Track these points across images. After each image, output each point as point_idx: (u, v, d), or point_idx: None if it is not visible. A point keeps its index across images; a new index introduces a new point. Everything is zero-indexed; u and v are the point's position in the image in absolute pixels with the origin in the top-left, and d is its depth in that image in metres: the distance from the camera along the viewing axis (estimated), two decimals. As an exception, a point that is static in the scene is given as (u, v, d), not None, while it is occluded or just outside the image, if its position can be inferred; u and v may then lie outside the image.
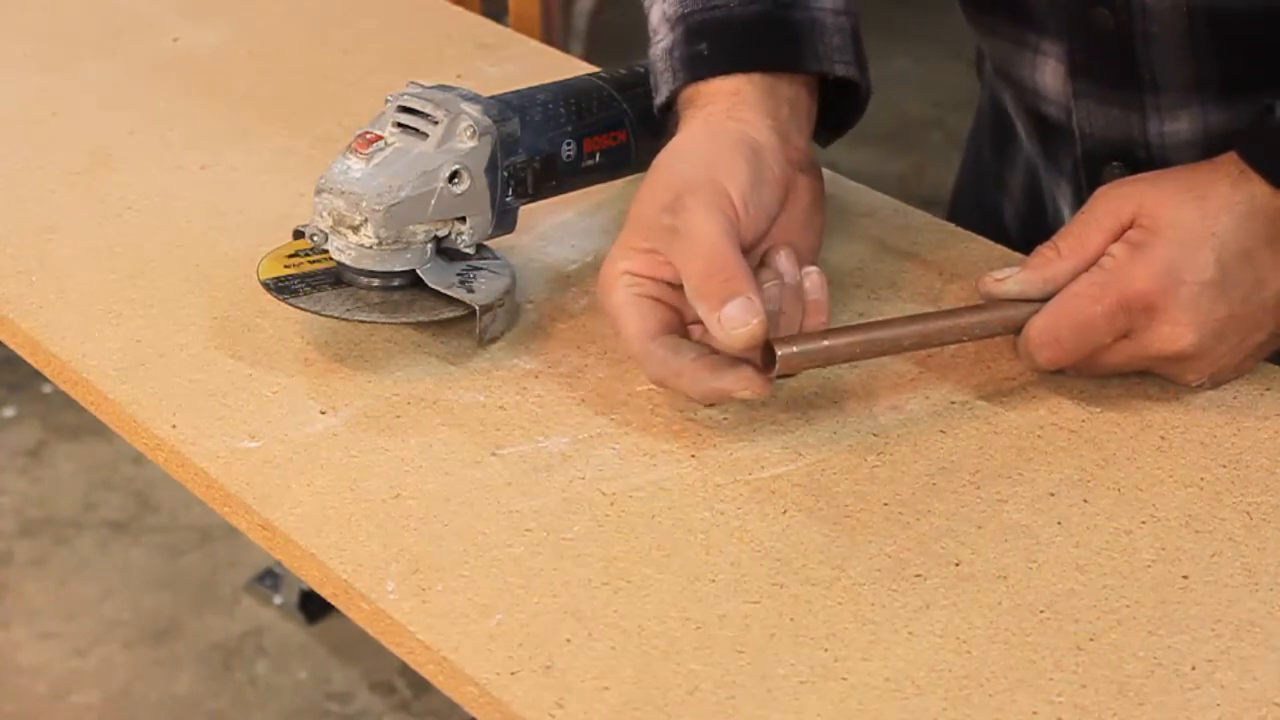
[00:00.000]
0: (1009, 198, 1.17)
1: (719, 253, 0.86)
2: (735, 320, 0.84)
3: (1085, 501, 0.85)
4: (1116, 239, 0.89)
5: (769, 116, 0.93)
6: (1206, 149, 0.93)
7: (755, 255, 0.91)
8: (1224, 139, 0.91)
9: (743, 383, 0.87)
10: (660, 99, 0.97)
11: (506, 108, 0.96)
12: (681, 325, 0.89)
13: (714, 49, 0.95)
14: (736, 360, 0.87)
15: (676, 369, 0.87)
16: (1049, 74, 1.02)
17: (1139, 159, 0.98)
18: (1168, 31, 0.94)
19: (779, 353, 0.86)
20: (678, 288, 0.88)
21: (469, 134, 0.94)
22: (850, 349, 0.89)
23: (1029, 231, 0.92)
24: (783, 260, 0.90)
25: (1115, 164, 0.99)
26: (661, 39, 0.98)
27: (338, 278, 0.95)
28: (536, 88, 1.00)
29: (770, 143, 0.92)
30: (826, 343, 0.88)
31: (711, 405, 0.90)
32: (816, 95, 0.97)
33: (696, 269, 0.86)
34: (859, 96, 0.98)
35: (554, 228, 1.06)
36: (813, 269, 0.90)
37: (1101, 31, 0.96)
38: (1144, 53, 0.96)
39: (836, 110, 0.99)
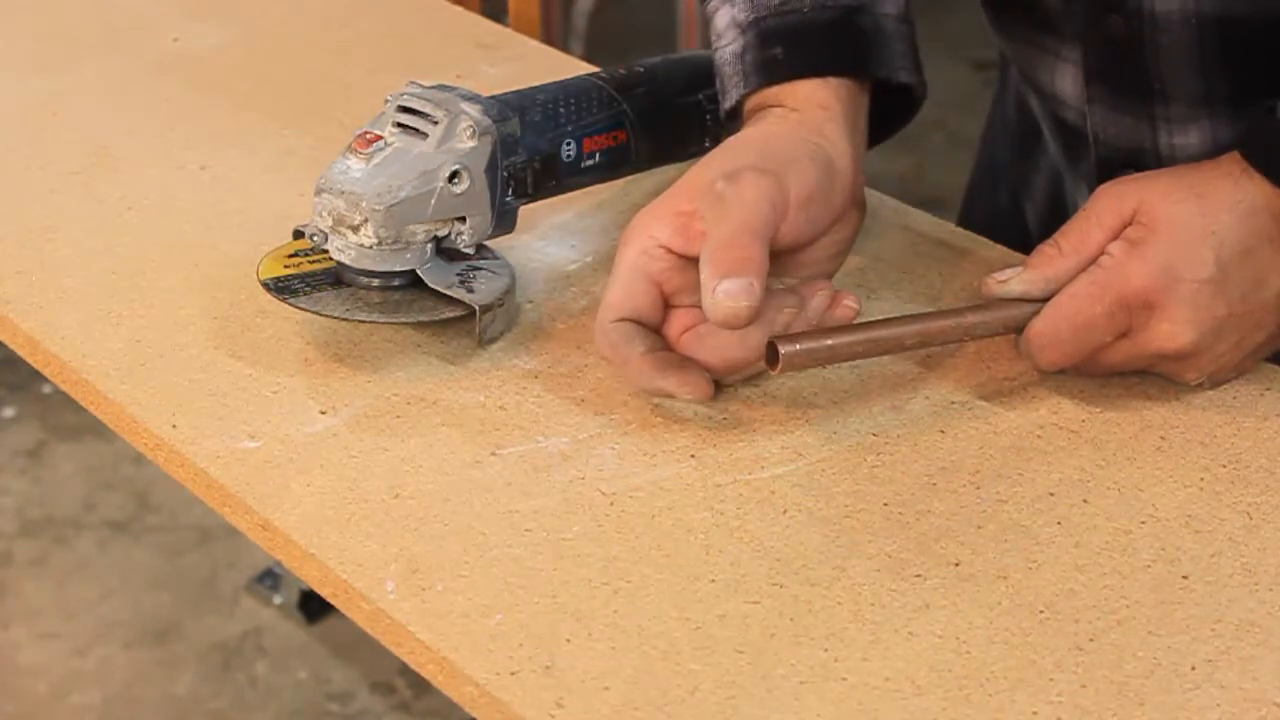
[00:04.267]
0: (1032, 201, 1.17)
1: (748, 231, 0.85)
2: (728, 294, 0.83)
3: (1085, 501, 0.85)
4: (1117, 236, 0.89)
5: (851, 143, 0.93)
6: None
7: (790, 264, 0.91)
8: None
9: (686, 386, 0.87)
10: (729, 103, 0.97)
11: (506, 108, 0.96)
12: (660, 312, 0.89)
13: (789, 53, 0.95)
14: (684, 361, 0.88)
15: (625, 356, 0.88)
16: (1068, 80, 1.03)
17: (1151, 169, 0.98)
18: (1176, 42, 0.94)
19: (782, 351, 0.86)
20: (686, 268, 0.88)
21: (469, 134, 0.94)
22: (853, 348, 0.89)
23: (1051, 234, 0.92)
24: (818, 300, 0.90)
25: (1129, 172, 0.99)
26: (730, 43, 0.98)
27: (338, 278, 0.95)
28: (536, 88, 1.00)
29: (845, 172, 0.92)
30: (830, 341, 0.88)
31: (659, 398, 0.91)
32: None
33: (721, 235, 0.85)
34: (912, 102, 0.99)
35: (554, 228, 1.06)
36: (851, 303, 0.90)
37: (1114, 39, 0.96)
38: (1154, 63, 0.96)
39: (880, 116, 0.99)
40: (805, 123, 0.93)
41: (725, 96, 0.98)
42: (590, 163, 1.01)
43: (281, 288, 0.95)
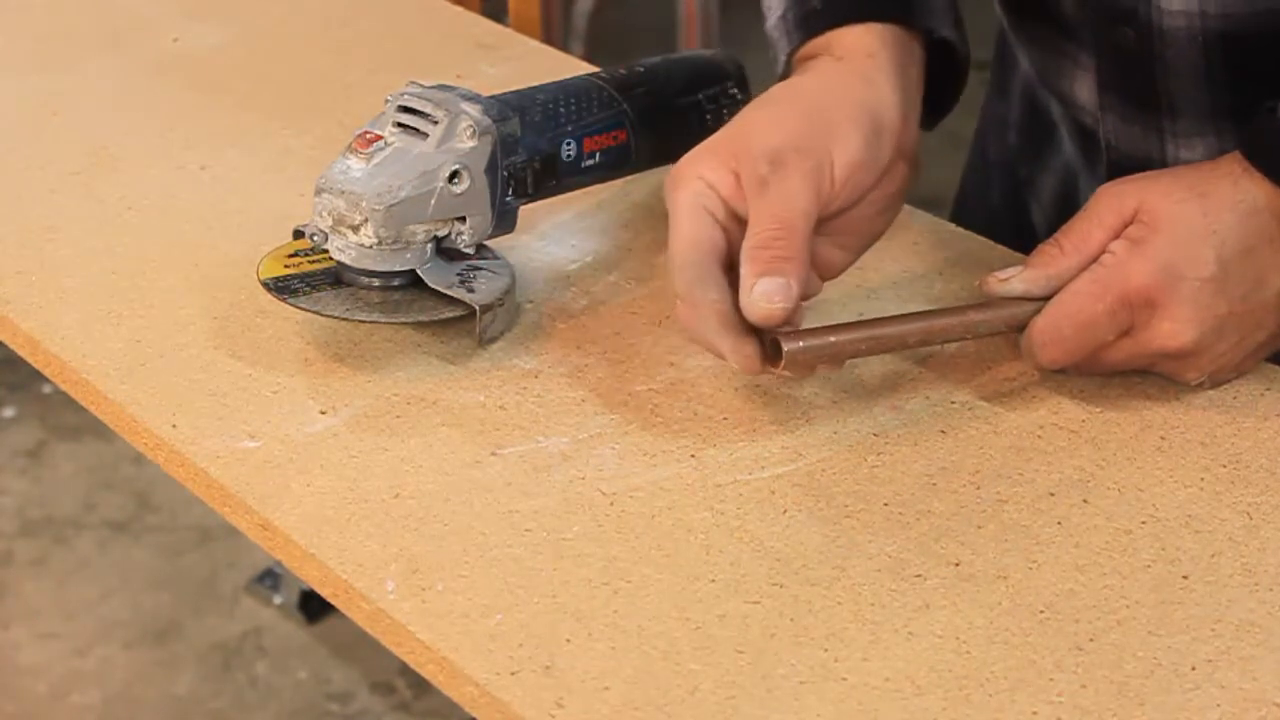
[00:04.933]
0: (1038, 201, 1.16)
1: (790, 228, 0.86)
2: (764, 294, 0.85)
3: (1085, 501, 0.85)
4: (1119, 235, 0.89)
5: (900, 91, 0.92)
6: None
7: (835, 226, 0.91)
8: None
9: (738, 354, 0.87)
10: (780, 67, 0.97)
11: (506, 108, 0.96)
12: (726, 255, 0.89)
13: (828, 4, 0.95)
14: (747, 330, 0.87)
15: (696, 298, 0.87)
16: (1085, 87, 1.02)
17: None
18: (1183, 57, 0.94)
19: (785, 347, 0.86)
20: (734, 218, 0.88)
21: (469, 134, 0.94)
22: (856, 345, 0.89)
23: None
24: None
25: None
26: (774, 10, 0.98)
27: (338, 278, 0.95)
28: (536, 88, 1.00)
29: (892, 124, 0.92)
30: (833, 338, 0.88)
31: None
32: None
33: (763, 231, 0.86)
34: (957, 67, 0.98)
35: (554, 228, 1.06)
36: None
37: (1126, 50, 0.96)
38: (1162, 77, 0.96)
39: (933, 88, 0.99)
40: (851, 72, 0.93)
41: (776, 63, 0.98)
42: (590, 163, 1.01)
43: (281, 288, 0.95)
